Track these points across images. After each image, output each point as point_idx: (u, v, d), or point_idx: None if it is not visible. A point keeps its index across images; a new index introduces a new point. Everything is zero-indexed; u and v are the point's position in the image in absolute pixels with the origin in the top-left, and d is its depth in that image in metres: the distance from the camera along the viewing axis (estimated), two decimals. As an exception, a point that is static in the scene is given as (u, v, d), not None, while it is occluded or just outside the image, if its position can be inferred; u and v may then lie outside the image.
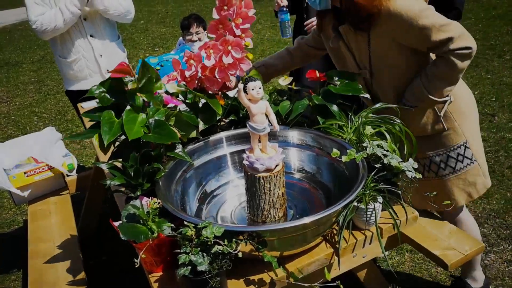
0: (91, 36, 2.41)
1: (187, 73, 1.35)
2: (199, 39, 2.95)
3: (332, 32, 1.55)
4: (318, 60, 1.89)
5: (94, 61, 2.45)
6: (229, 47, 1.29)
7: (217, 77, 1.33)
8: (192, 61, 1.34)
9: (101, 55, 2.46)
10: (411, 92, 1.46)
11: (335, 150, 1.30)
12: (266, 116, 1.18)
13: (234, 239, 1.00)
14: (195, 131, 1.37)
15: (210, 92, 1.41)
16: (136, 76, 1.22)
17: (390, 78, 1.50)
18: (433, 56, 1.47)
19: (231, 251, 0.98)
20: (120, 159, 1.22)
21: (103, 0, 2.30)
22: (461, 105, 1.52)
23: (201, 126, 1.38)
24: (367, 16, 1.38)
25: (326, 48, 1.69)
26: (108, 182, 1.17)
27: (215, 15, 1.31)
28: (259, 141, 1.21)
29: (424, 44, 1.37)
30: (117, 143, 1.26)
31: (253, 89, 1.13)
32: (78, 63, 2.42)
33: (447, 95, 1.45)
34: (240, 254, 1.00)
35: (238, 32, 1.32)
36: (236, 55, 1.30)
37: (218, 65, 1.32)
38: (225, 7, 1.29)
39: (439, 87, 1.40)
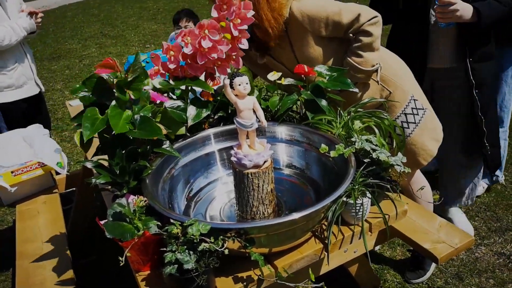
0: (23, 43, 2.47)
1: (170, 66, 1.33)
2: None
3: (255, 52, 1.68)
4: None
5: (29, 68, 2.49)
6: (206, 31, 1.28)
7: (199, 62, 1.32)
8: (171, 52, 1.33)
9: (32, 61, 2.53)
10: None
11: (323, 145, 1.29)
12: (254, 112, 1.17)
13: (220, 237, 0.99)
14: (182, 128, 1.35)
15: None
16: (125, 70, 1.21)
17: None
18: None
19: (217, 248, 0.97)
20: (106, 157, 1.20)
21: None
22: (394, 67, 1.68)
23: (190, 122, 1.37)
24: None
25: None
26: (94, 180, 1.15)
27: (214, 14, 1.29)
28: (247, 137, 1.20)
29: (340, 28, 1.54)
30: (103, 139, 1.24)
31: (239, 85, 1.12)
32: (16, 71, 2.41)
33: (376, 63, 1.60)
34: (226, 252, 0.99)
35: (235, 33, 1.30)
36: (214, 38, 1.28)
37: (198, 51, 1.30)
38: (224, 6, 1.27)
39: (366, 57, 1.56)
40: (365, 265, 1.91)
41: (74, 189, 2.50)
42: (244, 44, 1.35)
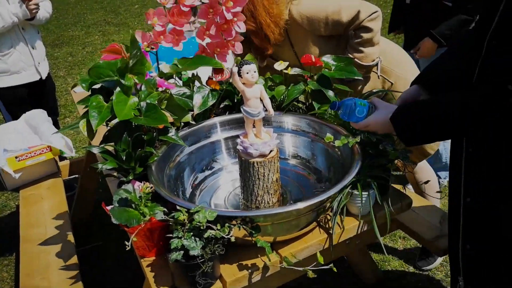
0: (23, 29, 2.43)
1: (158, 29, 1.32)
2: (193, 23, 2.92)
3: (256, 55, 1.66)
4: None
5: (29, 54, 2.46)
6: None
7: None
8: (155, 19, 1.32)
9: (33, 48, 2.49)
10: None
11: (328, 134, 1.29)
12: (261, 100, 1.17)
13: (227, 224, 0.99)
14: (188, 115, 1.35)
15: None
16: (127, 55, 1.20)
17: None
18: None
19: (224, 235, 0.97)
20: (112, 143, 1.20)
21: (40, 17, 2.46)
22: (395, 57, 1.67)
23: (196, 110, 1.36)
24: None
25: None
26: (100, 166, 1.15)
27: None
28: (254, 126, 1.19)
29: (341, 26, 1.52)
30: (108, 127, 1.24)
31: (247, 73, 1.11)
32: (12, 57, 2.39)
33: (377, 58, 1.60)
34: (233, 239, 0.99)
35: (229, 16, 1.28)
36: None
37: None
38: None
39: (366, 52, 1.55)
40: (367, 257, 1.92)
41: (77, 176, 2.51)
42: (241, 27, 1.33)
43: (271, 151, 1.18)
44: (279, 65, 1.53)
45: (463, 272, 1.11)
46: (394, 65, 1.65)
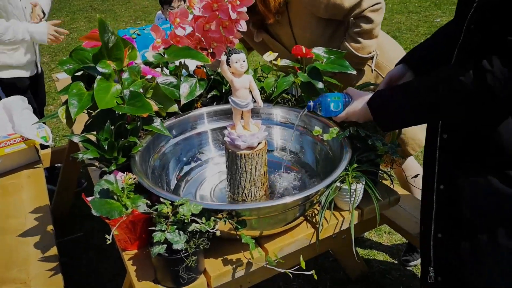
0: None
1: (179, 32, 1.28)
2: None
3: (253, 29, 1.63)
4: None
5: (33, 50, 2.41)
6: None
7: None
8: (177, 19, 1.27)
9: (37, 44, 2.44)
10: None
11: (317, 128, 1.27)
12: (250, 91, 1.14)
13: (212, 218, 0.96)
14: (175, 105, 1.31)
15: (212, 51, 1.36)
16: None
17: None
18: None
19: (209, 229, 0.94)
20: (94, 132, 1.16)
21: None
22: (390, 54, 1.64)
23: (183, 100, 1.32)
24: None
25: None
26: (81, 155, 1.11)
27: None
28: (242, 118, 1.16)
29: (341, 11, 1.48)
30: (92, 115, 1.20)
31: (236, 62, 1.08)
32: (17, 52, 2.32)
33: (373, 51, 1.57)
34: (218, 233, 0.96)
35: (234, 15, 1.24)
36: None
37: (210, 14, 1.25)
38: None
39: (364, 44, 1.52)
40: (351, 251, 1.92)
41: (59, 164, 2.44)
42: (243, 27, 1.30)
43: (259, 143, 1.15)
44: (268, 56, 1.49)
45: (434, 262, 1.11)
46: (389, 61, 1.63)
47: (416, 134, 1.68)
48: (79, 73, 1.22)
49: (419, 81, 1.00)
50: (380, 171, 1.27)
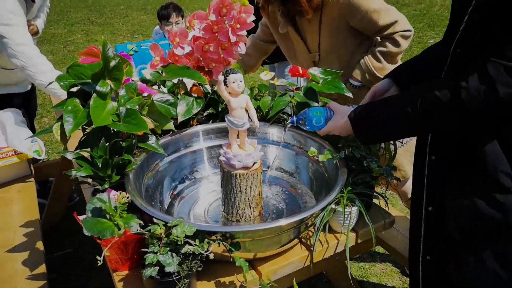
0: None
1: (178, 52, 1.28)
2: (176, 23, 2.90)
3: (280, 18, 1.61)
4: None
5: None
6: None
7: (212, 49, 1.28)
8: (176, 39, 1.28)
9: None
10: (360, 70, 1.57)
11: (312, 148, 1.27)
12: (246, 111, 1.14)
13: (206, 240, 0.95)
14: (170, 123, 1.30)
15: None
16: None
17: (337, 61, 1.62)
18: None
19: (202, 252, 0.93)
20: (88, 149, 1.14)
21: (40, 32, 2.50)
22: None
23: (180, 117, 1.31)
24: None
25: (275, 40, 1.77)
26: (74, 173, 1.09)
27: (212, 17, 1.23)
28: (238, 137, 1.16)
29: (374, 27, 1.50)
30: (86, 131, 1.19)
31: (234, 82, 1.08)
32: (16, 74, 2.28)
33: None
34: (212, 256, 0.95)
35: (233, 38, 1.25)
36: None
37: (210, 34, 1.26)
38: (224, 10, 1.22)
39: (384, 65, 1.54)
40: (345, 273, 1.90)
41: (52, 178, 2.42)
42: (242, 49, 1.31)
43: (254, 163, 1.15)
44: (265, 75, 1.50)
45: (422, 284, 1.11)
46: None
47: (403, 165, 1.68)
48: (74, 89, 1.21)
49: (399, 95, 1.03)
50: (375, 193, 1.27)
